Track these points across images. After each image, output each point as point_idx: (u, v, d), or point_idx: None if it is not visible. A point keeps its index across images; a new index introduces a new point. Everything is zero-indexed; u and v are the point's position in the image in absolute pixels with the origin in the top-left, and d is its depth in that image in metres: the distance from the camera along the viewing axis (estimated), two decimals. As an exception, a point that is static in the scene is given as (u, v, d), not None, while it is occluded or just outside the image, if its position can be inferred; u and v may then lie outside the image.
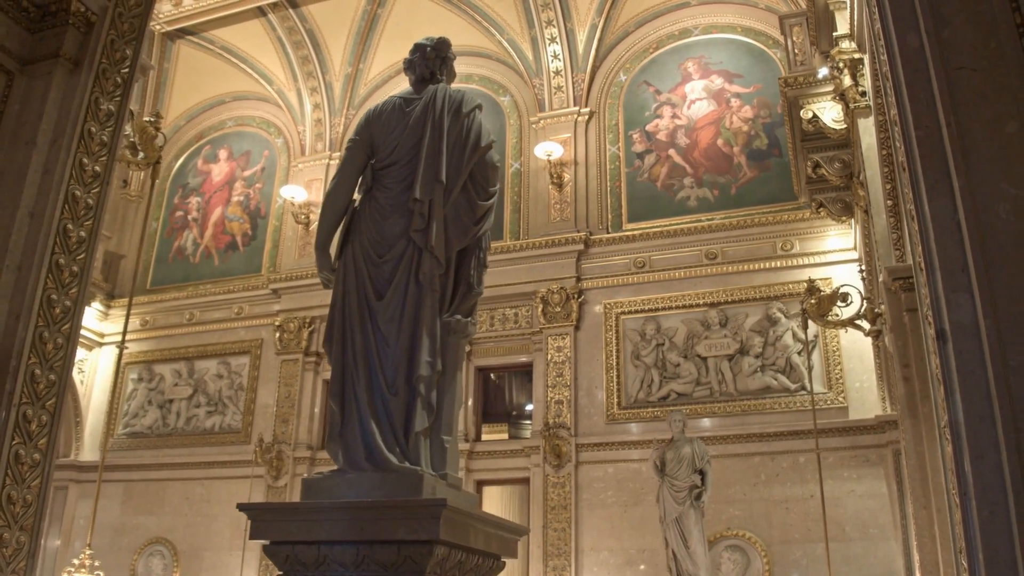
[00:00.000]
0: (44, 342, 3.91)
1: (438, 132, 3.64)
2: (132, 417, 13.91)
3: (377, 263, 3.54)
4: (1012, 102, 2.60)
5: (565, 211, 12.84)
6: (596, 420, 11.70)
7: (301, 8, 14.00)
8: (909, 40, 2.80)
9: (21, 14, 4.23)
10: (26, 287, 3.89)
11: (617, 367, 11.84)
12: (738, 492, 10.65)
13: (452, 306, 3.64)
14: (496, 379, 13.81)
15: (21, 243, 3.95)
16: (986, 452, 2.34)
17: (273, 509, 3.56)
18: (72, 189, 4.12)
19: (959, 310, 2.47)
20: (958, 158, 2.57)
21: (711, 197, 12.29)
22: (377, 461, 3.27)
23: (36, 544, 3.75)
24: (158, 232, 15.29)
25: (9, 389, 3.74)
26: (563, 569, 11.04)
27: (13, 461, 3.71)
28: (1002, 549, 2.26)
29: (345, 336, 3.52)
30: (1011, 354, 2.36)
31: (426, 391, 3.39)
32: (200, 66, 14.96)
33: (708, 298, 11.66)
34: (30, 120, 4.13)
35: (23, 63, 4.24)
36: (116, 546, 13.12)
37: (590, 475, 11.46)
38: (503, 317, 12.70)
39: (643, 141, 12.96)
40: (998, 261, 2.45)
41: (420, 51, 4.04)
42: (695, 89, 12.94)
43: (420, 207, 3.53)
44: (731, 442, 10.84)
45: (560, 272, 12.40)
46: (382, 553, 2.97)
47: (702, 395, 11.31)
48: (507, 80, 14.09)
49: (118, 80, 4.42)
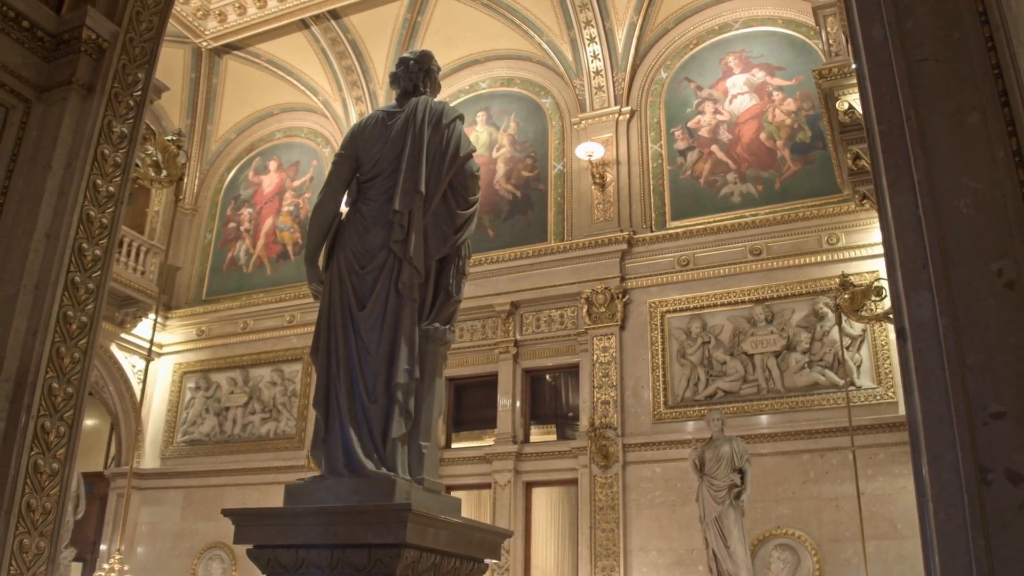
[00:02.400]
0: (61, 357, 4.08)
1: (418, 144, 3.70)
2: (190, 425, 14.32)
3: (360, 274, 3.62)
4: (975, 93, 2.53)
5: (608, 211, 12.80)
6: (643, 420, 11.64)
7: (343, 19, 14.25)
8: (874, 33, 2.76)
9: (36, 44, 4.43)
10: (43, 305, 4.07)
11: (663, 366, 11.77)
12: (787, 490, 10.48)
13: (431, 314, 3.70)
14: (551, 380, 13.81)
15: (38, 263, 4.13)
16: (943, 453, 2.29)
17: (254, 514, 3.66)
18: (87, 210, 4.29)
19: (919, 308, 2.43)
20: (918, 152, 2.52)
21: (755, 192, 12.12)
22: (355, 467, 3.35)
23: (55, 549, 3.92)
24: (212, 243, 15.71)
25: (27, 402, 3.92)
26: (612, 570, 11.01)
27: (32, 471, 3.88)
28: (958, 551, 2.21)
29: (330, 345, 3.62)
30: (968, 353, 2.31)
31: (404, 398, 3.46)
32: (248, 80, 15.33)
33: (754, 294, 11.51)
34: (46, 145, 4.32)
35: (40, 90, 4.43)
36: (177, 551, 13.52)
37: (638, 475, 11.41)
38: (549, 319, 12.73)
39: (685, 138, 12.85)
40: (957, 257, 2.40)
41: (404, 64, 4.11)
42: (736, 84, 12.78)
43: (399, 218, 3.60)
44: (779, 440, 10.68)
45: (604, 272, 12.37)
46: (354, 556, 3.05)
47: (749, 393, 11.16)
48: (548, 82, 14.11)
49: (130, 103, 4.59)
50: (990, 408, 2.25)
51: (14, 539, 3.74)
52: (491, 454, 12.22)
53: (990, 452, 2.22)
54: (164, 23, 4.83)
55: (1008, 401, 2.24)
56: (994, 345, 2.30)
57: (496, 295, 12.83)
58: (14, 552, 3.74)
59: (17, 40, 4.34)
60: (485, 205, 13.74)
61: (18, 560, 3.75)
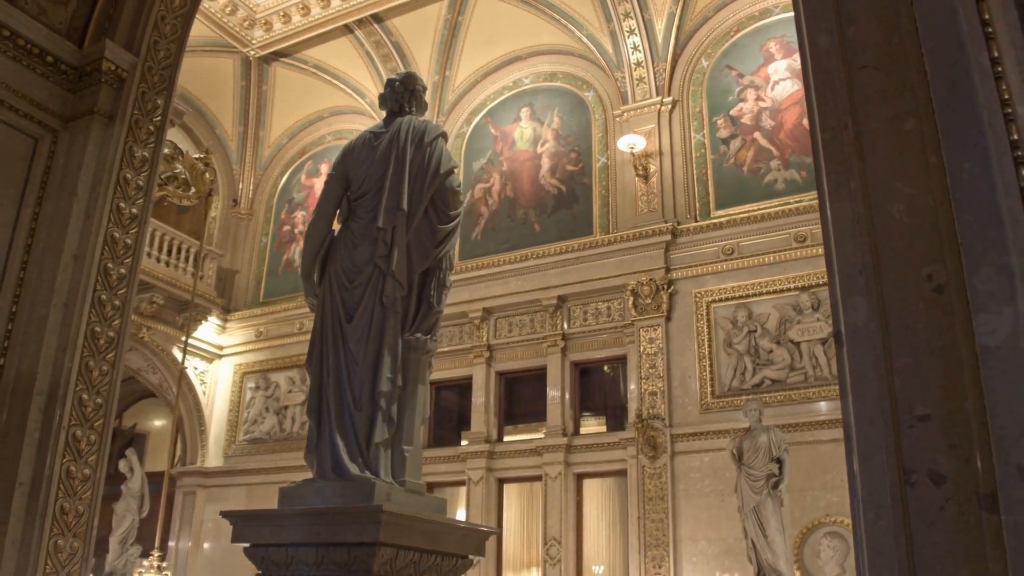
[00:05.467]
0: (90, 370, 4.38)
1: (401, 163, 3.88)
2: (251, 424, 14.82)
3: (348, 288, 3.82)
4: (912, 98, 2.57)
5: (652, 202, 12.81)
6: (690, 410, 11.66)
7: (386, 23, 14.51)
8: (820, 41, 2.81)
9: (61, 77, 4.73)
10: (72, 322, 4.36)
11: (709, 356, 11.75)
12: (836, 478, 10.38)
13: (414, 325, 3.88)
14: (608, 370, 13.87)
15: (67, 283, 4.43)
16: (872, 454, 2.36)
17: (249, 516, 3.93)
18: (111, 231, 4.58)
19: (853, 312, 2.49)
20: (854, 159, 2.58)
21: (799, 178, 12.00)
22: (341, 471, 3.58)
23: (89, 550, 4.22)
24: (268, 247, 16.19)
25: (59, 413, 4.22)
26: (661, 560, 11.08)
27: (65, 476, 4.18)
28: (885, 552, 2.28)
29: (323, 356, 3.83)
30: (897, 357, 2.37)
31: (387, 405, 3.65)
32: (296, 85, 15.73)
33: (799, 282, 11.41)
34: (72, 172, 4.62)
35: (65, 120, 4.74)
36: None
37: (686, 465, 11.44)
38: (596, 311, 12.82)
39: (728, 126, 12.77)
40: (890, 263, 2.46)
41: (390, 86, 4.29)
42: (778, 69, 12.65)
43: (383, 235, 3.78)
44: (827, 427, 10.58)
45: (649, 264, 12.40)
46: (336, 554, 3.27)
47: (796, 381, 11.09)
48: (590, 75, 14.15)
49: (151, 128, 4.86)
50: (916, 411, 2.31)
51: (49, 540, 4.05)
52: (542, 446, 12.38)
53: (914, 454, 2.28)
54: (181, 50, 5.09)
55: (933, 403, 2.30)
56: (921, 348, 2.35)
57: (543, 289, 12.98)
58: (49, 552, 4.04)
59: (42, 75, 4.65)
60: (531, 200, 13.89)
61: (53, 560, 4.05)
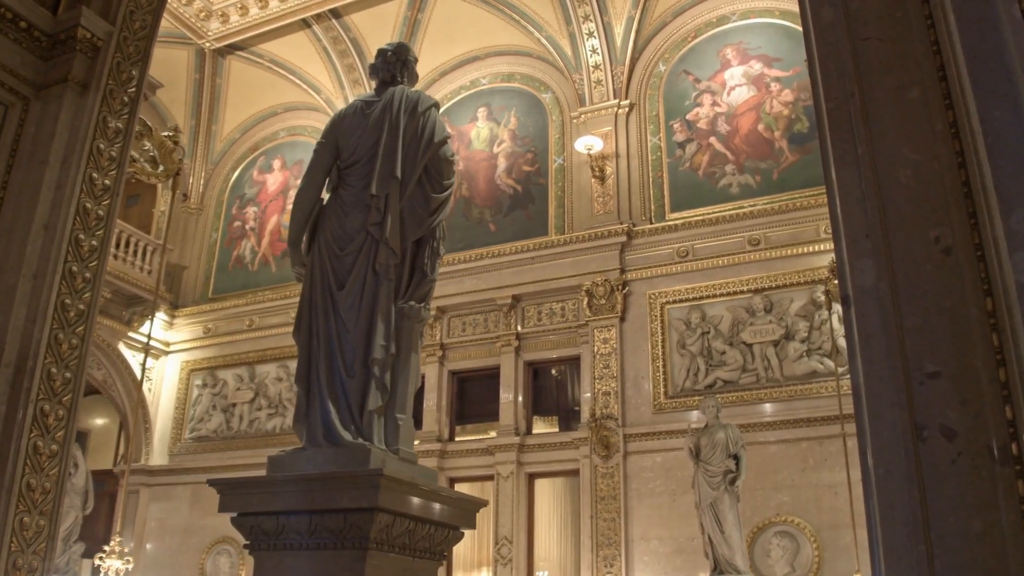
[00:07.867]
0: (59, 343, 4.24)
1: (394, 131, 3.85)
2: (198, 422, 14.51)
3: (339, 256, 3.79)
4: (916, 69, 2.65)
5: (608, 204, 12.92)
6: (643, 410, 11.76)
7: (344, 18, 14.40)
8: (823, 14, 2.87)
9: (34, 43, 4.59)
10: (41, 293, 4.22)
11: (663, 357, 11.88)
12: (786, 478, 10.58)
13: (407, 293, 3.86)
14: (557, 373, 13.91)
15: (36, 253, 4.29)
16: (883, 412, 2.40)
17: (237, 484, 3.82)
18: (83, 202, 4.44)
19: (861, 275, 2.54)
20: (862, 127, 2.64)
21: (753, 183, 12.22)
22: (333, 438, 3.52)
23: (55, 528, 4.07)
24: (218, 242, 15.90)
25: (27, 386, 4.07)
26: (613, 559, 11.13)
27: (32, 452, 4.04)
28: (897, 506, 2.33)
29: (311, 324, 3.78)
30: (907, 316, 2.42)
31: (380, 372, 3.62)
32: (251, 80, 15.51)
33: (752, 284, 11.60)
34: (43, 140, 4.47)
35: (37, 88, 4.59)
36: (186, 546, 13.71)
37: (638, 465, 11.53)
38: (550, 311, 12.87)
39: (684, 130, 12.95)
40: (897, 226, 2.52)
41: (382, 56, 4.27)
42: (734, 76, 12.87)
43: (376, 202, 3.76)
44: (779, 428, 10.78)
45: (604, 264, 12.49)
46: (331, 521, 3.20)
47: (748, 382, 11.26)
48: (548, 77, 14.23)
49: (125, 99, 4.74)
50: (926, 368, 2.37)
51: (15, 517, 3.90)
52: (494, 446, 12.36)
53: (926, 410, 2.33)
54: (157, 21, 4.98)
55: (943, 361, 2.35)
56: (930, 308, 2.41)
57: (498, 288, 12.98)
58: (15, 530, 3.89)
59: (15, 40, 4.50)
60: (487, 200, 13.89)
61: (19, 537, 3.90)
